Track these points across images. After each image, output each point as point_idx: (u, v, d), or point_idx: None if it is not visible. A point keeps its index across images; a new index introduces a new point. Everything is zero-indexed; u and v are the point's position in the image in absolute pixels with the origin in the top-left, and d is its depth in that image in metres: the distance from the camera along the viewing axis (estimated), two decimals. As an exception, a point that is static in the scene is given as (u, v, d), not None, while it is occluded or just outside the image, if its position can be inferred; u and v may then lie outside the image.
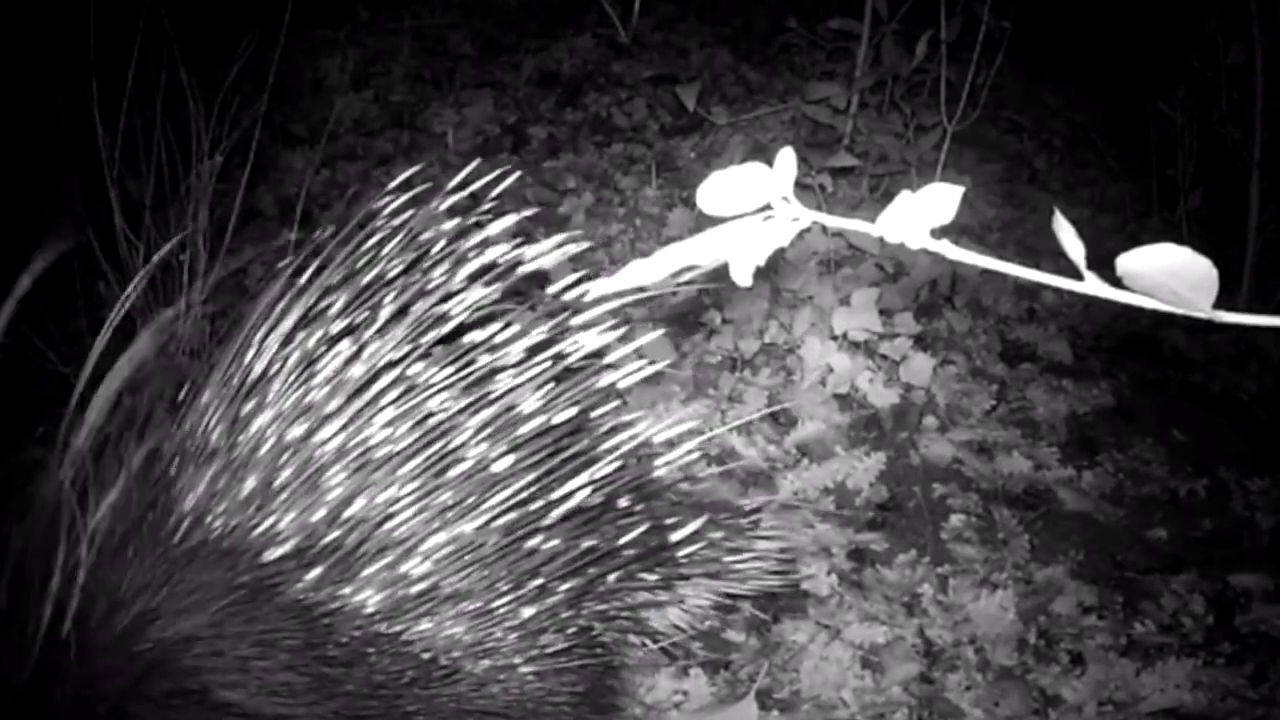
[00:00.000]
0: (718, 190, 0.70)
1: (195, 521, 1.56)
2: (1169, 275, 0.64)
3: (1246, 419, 2.76)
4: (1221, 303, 0.65)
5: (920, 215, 0.68)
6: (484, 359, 1.64)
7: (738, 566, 1.95)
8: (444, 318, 1.64)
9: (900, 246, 0.69)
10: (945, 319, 2.87)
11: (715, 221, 0.70)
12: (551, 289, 1.73)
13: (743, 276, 0.70)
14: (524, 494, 1.64)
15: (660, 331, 1.91)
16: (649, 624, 1.95)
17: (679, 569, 1.88)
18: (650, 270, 0.72)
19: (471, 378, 1.63)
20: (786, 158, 0.69)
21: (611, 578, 1.76)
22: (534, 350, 1.67)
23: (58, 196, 2.45)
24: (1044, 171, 3.55)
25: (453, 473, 1.61)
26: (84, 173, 2.41)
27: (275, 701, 1.56)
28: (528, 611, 1.68)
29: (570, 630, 1.74)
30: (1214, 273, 0.64)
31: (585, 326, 1.73)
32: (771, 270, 2.77)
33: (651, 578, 1.85)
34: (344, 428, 1.58)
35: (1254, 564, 2.35)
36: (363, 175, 3.26)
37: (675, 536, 1.83)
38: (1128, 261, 0.65)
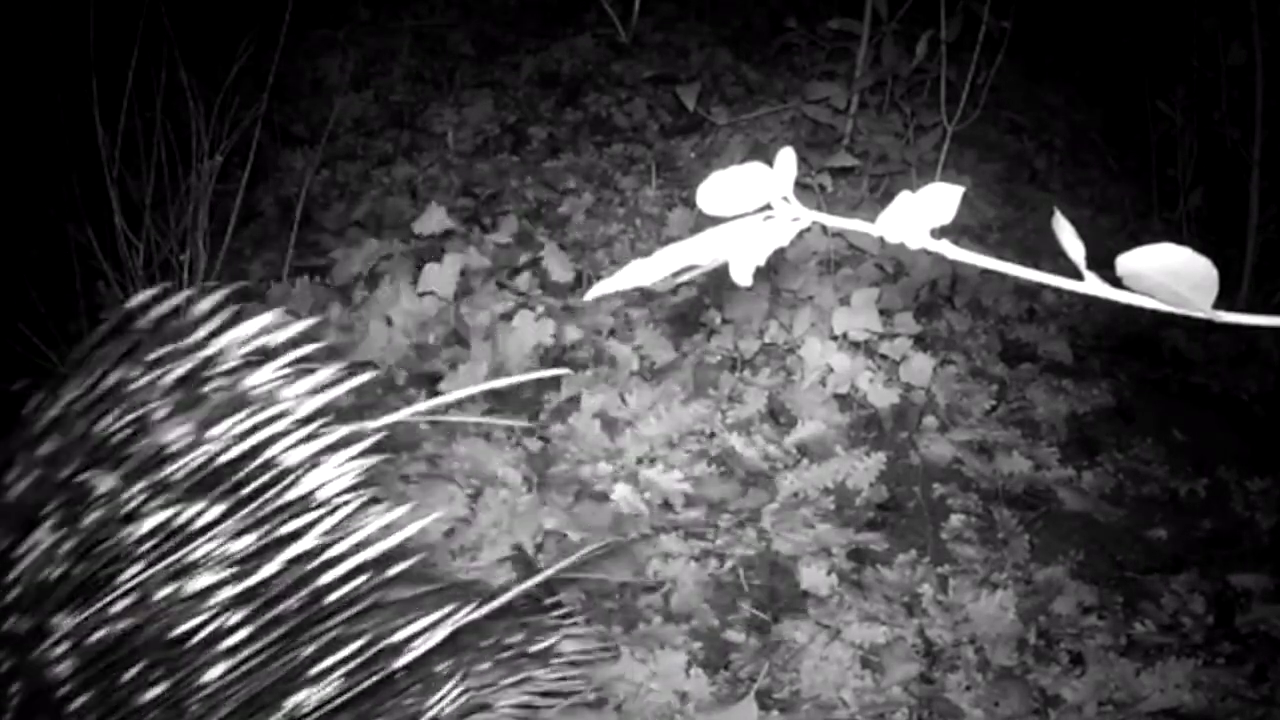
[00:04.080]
0: (718, 190, 0.70)
1: None
2: (1169, 275, 0.64)
3: (1246, 419, 2.76)
4: (1221, 303, 0.65)
5: (920, 215, 0.68)
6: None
7: (540, 674, 1.61)
8: None
9: (900, 246, 0.69)
10: (945, 319, 2.87)
11: (715, 221, 0.70)
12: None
13: (743, 276, 0.70)
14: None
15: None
16: None
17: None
18: (650, 270, 0.72)
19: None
20: (786, 158, 0.69)
21: None
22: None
23: (58, 196, 2.45)
24: (1044, 171, 3.55)
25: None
26: (84, 173, 2.41)
27: None
28: None
29: None
30: (1214, 273, 0.64)
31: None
32: (771, 270, 2.76)
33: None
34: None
35: (1254, 564, 2.35)
36: (363, 175, 3.26)
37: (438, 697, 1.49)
38: (1128, 261, 0.64)
